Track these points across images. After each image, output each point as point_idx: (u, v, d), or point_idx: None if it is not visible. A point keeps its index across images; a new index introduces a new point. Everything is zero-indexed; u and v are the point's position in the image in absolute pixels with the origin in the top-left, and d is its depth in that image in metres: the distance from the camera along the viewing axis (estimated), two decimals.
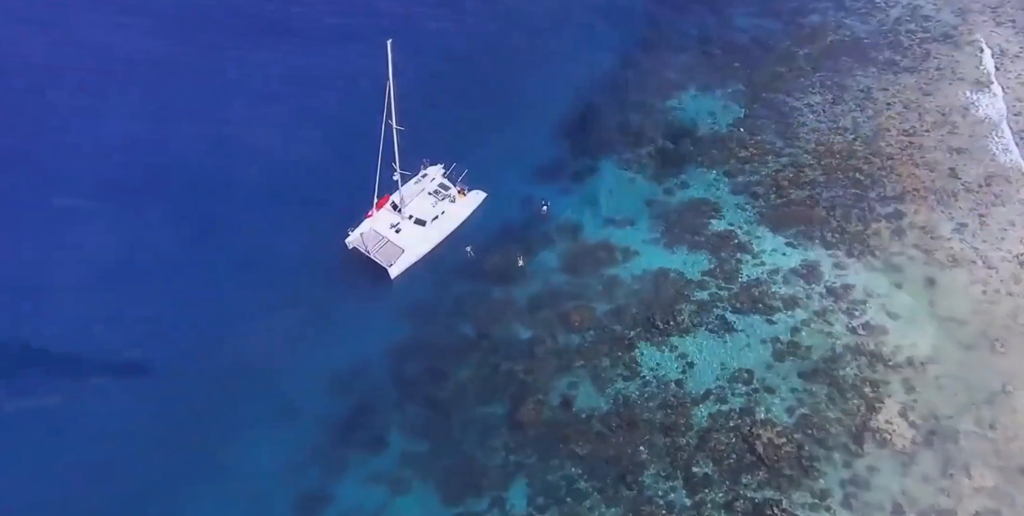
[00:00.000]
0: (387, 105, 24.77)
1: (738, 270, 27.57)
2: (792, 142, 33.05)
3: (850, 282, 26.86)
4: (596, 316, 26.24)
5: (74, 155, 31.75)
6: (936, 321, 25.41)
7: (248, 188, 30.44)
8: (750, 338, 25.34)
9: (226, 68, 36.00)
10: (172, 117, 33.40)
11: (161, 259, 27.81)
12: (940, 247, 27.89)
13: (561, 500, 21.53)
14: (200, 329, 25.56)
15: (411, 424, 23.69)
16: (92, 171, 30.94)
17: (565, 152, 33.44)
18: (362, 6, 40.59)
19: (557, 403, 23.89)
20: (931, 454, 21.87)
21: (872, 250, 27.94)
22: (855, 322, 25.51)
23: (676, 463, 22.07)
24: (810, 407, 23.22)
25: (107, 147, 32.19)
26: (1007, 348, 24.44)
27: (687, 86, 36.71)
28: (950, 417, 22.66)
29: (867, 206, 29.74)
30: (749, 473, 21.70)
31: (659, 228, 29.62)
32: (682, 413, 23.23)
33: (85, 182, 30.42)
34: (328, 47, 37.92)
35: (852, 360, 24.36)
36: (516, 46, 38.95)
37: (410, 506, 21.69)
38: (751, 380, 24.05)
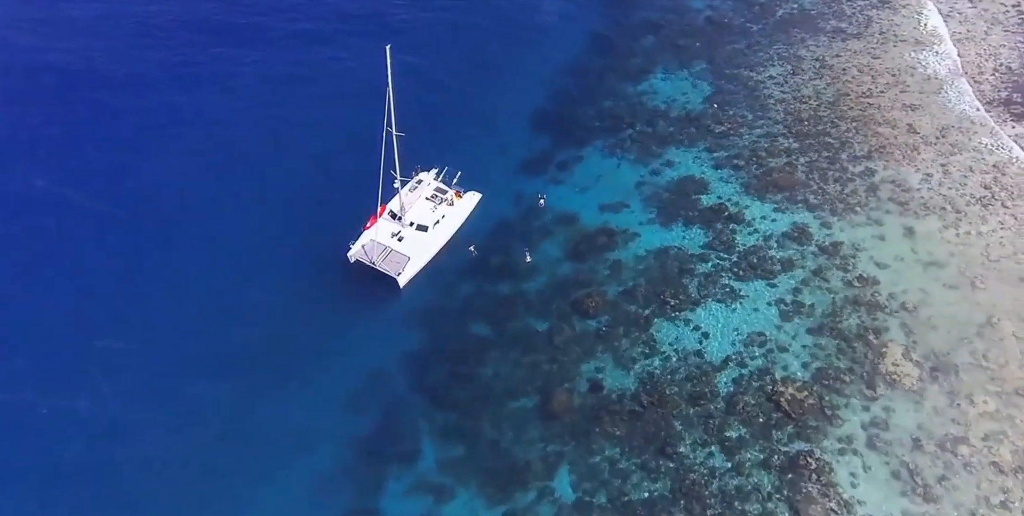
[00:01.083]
0: (387, 112, 24.54)
1: (734, 240, 28.75)
2: (762, 114, 34.59)
3: (838, 239, 28.47)
4: (608, 300, 26.87)
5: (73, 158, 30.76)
6: (920, 266, 27.28)
7: (241, 202, 29.75)
8: (756, 302, 26.53)
9: (209, 77, 35.58)
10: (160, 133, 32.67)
11: (154, 286, 26.91)
12: (912, 198, 29.88)
13: (607, 482, 22.05)
14: (202, 367, 24.64)
15: (442, 430, 23.65)
16: (82, 180, 30.20)
17: (548, 144, 33.91)
18: (331, 7, 40.53)
19: (586, 389, 24.39)
20: (937, 388, 23.57)
21: (853, 207, 29.68)
22: (849, 276, 27.09)
23: (710, 430, 22.96)
24: (823, 360, 24.57)
25: (102, 155, 31.41)
26: (986, 284, 26.50)
27: (654, 70, 37.80)
28: (947, 353, 24.45)
29: (841, 167, 31.53)
30: (779, 429, 22.83)
31: (652, 208, 30.50)
32: (707, 382, 24.15)
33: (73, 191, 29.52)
34: (303, 51, 37.70)
35: (852, 312, 25.90)
36: (484, 43, 39.26)
37: (458, 511, 21.70)
38: (765, 342, 25.23)
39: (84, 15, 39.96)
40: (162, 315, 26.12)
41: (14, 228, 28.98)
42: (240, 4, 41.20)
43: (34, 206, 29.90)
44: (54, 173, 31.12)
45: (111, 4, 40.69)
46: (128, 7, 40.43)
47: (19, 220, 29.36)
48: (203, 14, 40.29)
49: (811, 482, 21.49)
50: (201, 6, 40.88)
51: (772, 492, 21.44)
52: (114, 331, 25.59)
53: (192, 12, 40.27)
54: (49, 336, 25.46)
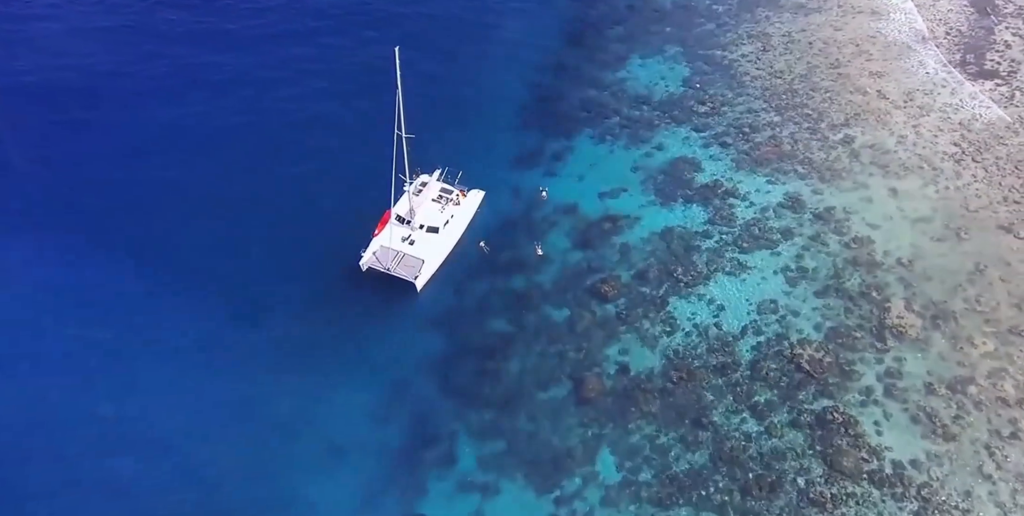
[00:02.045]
0: (397, 114, 24.32)
1: (733, 214, 29.76)
2: (741, 91, 35.78)
3: (830, 204, 29.83)
4: (622, 283, 27.46)
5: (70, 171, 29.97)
6: (908, 223, 28.89)
7: (244, 213, 29.15)
8: (763, 272, 27.59)
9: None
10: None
11: (161, 303, 26.15)
12: (891, 160, 31.53)
13: (648, 458, 22.65)
14: (217, 388, 24.02)
15: (478, 428, 23.71)
16: (81, 191, 29.53)
17: (538, 138, 34.23)
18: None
19: (615, 371, 24.92)
20: (939, 335, 25.10)
21: (839, 173, 31.12)
22: (845, 238, 28.46)
23: (738, 397, 23.85)
24: (833, 320, 25.80)
25: (100, 166, 30.71)
26: (969, 234, 28.29)
27: (630, 56, 38.57)
28: (944, 301, 26.04)
29: (822, 136, 32.97)
30: (802, 389, 23.90)
31: (650, 191, 31.23)
32: (729, 352, 25.05)
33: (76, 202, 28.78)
34: (285, 50, 37.24)
35: (853, 271, 27.24)
36: (458, 39, 39.26)
37: (507, 506, 21.85)
38: (777, 308, 26.30)
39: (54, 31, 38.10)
40: (172, 335, 25.34)
41: (13, 252, 27.68)
42: (204, 10, 40.11)
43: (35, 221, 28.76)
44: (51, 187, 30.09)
45: (78, 20, 39.03)
46: (94, 21, 38.91)
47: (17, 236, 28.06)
48: (169, 23, 39.11)
49: (840, 435, 22.63)
50: (165, 15, 39.64)
51: (806, 449, 22.47)
52: (124, 355, 24.65)
53: (158, 21, 39.10)
54: (67, 355, 24.49)
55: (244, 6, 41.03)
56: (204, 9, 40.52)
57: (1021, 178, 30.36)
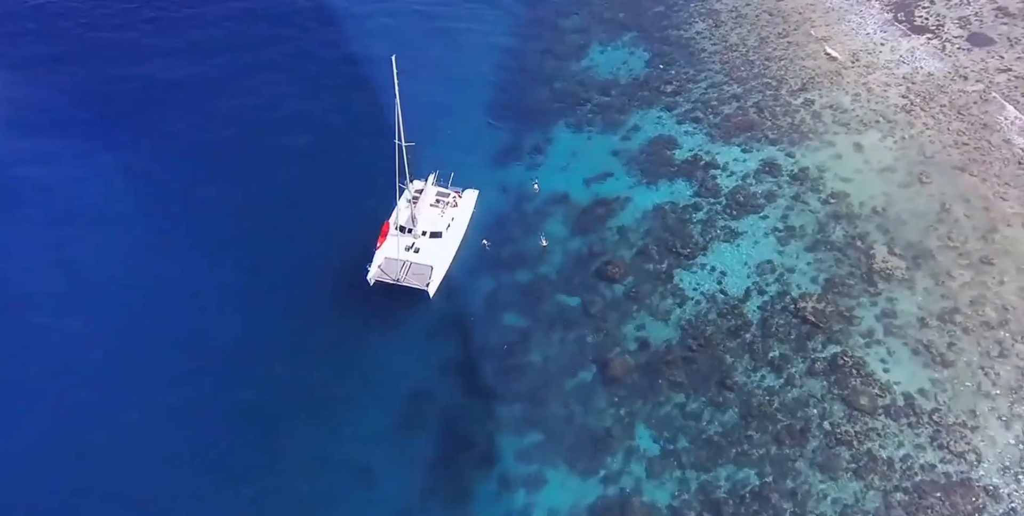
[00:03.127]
0: (396, 123, 24.15)
1: (717, 185, 31.09)
2: (702, 68, 37.24)
3: (804, 165, 31.58)
4: (626, 263, 28.29)
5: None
6: (876, 174, 30.93)
7: (242, 230, 28.60)
8: (755, 235, 29.01)
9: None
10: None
11: (168, 329, 25.43)
12: (850, 118, 33.61)
13: (683, 426, 23.56)
14: (233, 414, 23.47)
15: (511, 424, 23.92)
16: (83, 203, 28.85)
17: (515, 133, 34.66)
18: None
19: (635, 348, 25.72)
20: (921, 273, 27.11)
21: (806, 135, 32.95)
22: (823, 195, 30.23)
23: (755, 355, 25.10)
24: (826, 272, 27.44)
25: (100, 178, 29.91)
26: (930, 178, 30.56)
27: (590, 44, 39.48)
28: (921, 242, 28.10)
29: (784, 102, 34.77)
30: (811, 339, 25.39)
31: (635, 172, 32.20)
32: (738, 314, 26.28)
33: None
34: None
35: (835, 224, 29.00)
36: (417, 40, 39.20)
37: (555, 494, 22.23)
38: (774, 268, 27.74)
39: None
40: (181, 360, 24.60)
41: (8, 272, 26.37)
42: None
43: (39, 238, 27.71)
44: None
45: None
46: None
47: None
48: (133, 41, 37.74)
49: (852, 377, 24.20)
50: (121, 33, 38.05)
51: (824, 394, 23.93)
52: (131, 380, 23.77)
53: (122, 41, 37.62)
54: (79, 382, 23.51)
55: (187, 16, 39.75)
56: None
57: (965, 122, 32.95)
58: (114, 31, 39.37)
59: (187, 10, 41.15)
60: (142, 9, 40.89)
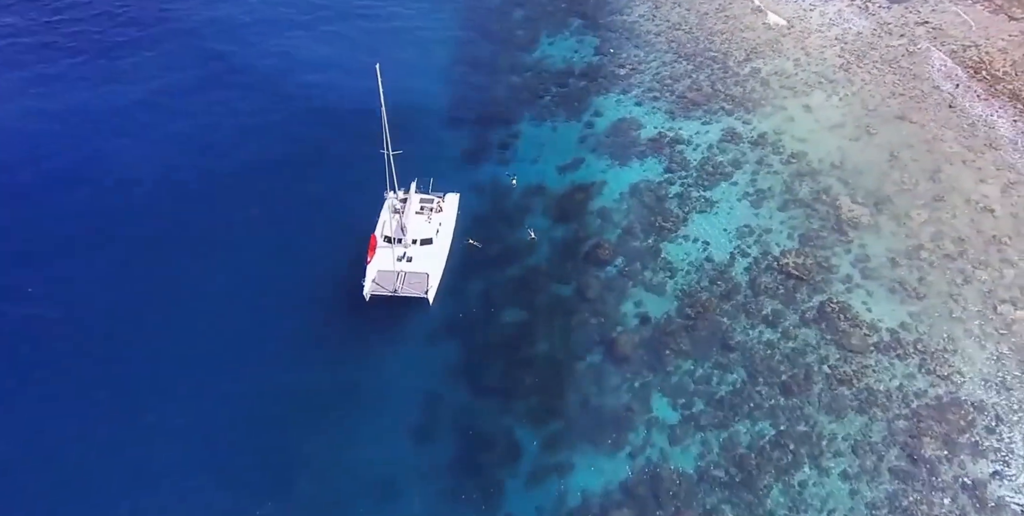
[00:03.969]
0: (384, 132, 23.86)
1: (685, 158, 32.30)
2: (650, 49, 38.47)
3: (761, 131, 33.21)
4: (613, 244, 29.07)
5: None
6: (827, 131, 32.88)
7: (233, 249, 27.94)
8: (729, 202, 30.35)
9: None
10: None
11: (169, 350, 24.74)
12: (795, 81, 35.51)
13: (696, 391, 24.47)
14: (240, 439, 22.96)
15: (528, 416, 24.15)
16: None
17: (479, 131, 34.90)
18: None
19: (637, 324, 26.51)
20: (885, 218, 29.08)
21: (758, 102, 34.62)
22: (784, 156, 31.90)
23: (750, 315, 26.35)
24: (800, 227, 29.04)
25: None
26: (876, 129, 32.75)
27: (539, 37, 40.13)
28: (878, 188, 30.12)
29: (733, 72, 36.39)
30: (798, 292, 26.85)
31: (604, 155, 33.04)
32: (727, 278, 27.49)
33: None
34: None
35: (800, 182, 30.70)
36: (362, 45, 38.90)
37: (586, 477, 22.65)
38: (752, 230, 29.13)
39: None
40: (183, 383, 23.95)
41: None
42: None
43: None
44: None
45: None
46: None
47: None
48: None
49: (840, 320, 25.79)
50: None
51: (819, 340, 25.40)
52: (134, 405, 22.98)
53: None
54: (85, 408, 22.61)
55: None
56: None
57: (897, 74, 35.41)
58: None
59: (119, 39, 39.44)
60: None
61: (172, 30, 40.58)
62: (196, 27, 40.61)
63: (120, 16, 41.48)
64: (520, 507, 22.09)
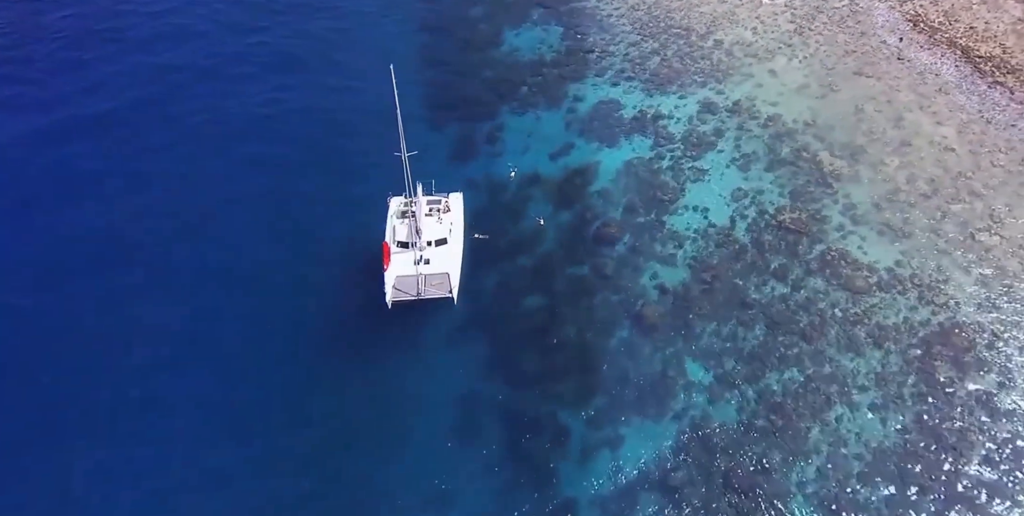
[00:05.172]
0: (400, 134, 23.49)
1: (671, 133, 33.46)
2: (615, 31, 39.47)
3: (735, 99, 34.75)
4: (619, 222, 29.89)
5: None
6: (795, 93, 34.76)
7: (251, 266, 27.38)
8: (719, 169, 31.69)
9: None
10: None
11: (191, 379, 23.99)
12: (756, 50, 37.27)
13: (723, 351, 25.54)
14: (279, 461, 22.59)
15: (571, 397, 24.53)
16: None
17: (466, 128, 35.05)
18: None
19: (657, 294, 27.43)
20: (862, 167, 31.12)
21: (727, 72, 36.17)
22: (761, 121, 33.55)
23: (760, 271, 27.73)
24: (789, 184, 30.70)
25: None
26: (838, 86, 34.89)
27: (503, 31, 40.45)
28: (851, 141, 32.17)
29: (698, 46, 37.84)
30: (799, 244, 28.43)
31: (592, 138, 33.81)
32: (732, 240, 28.79)
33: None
34: None
35: (780, 143, 32.40)
36: (329, 51, 38.35)
37: (636, 447, 23.27)
38: (745, 193, 30.56)
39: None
40: (221, 410, 23.36)
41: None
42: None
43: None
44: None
45: None
46: None
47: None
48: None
49: (842, 267, 27.53)
50: None
51: (826, 286, 27.03)
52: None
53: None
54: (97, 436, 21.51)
55: None
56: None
57: (847, 33, 37.75)
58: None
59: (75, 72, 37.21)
60: None
61: (121, 49, 38.64)
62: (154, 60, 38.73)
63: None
64: (577, 487, 22.54)
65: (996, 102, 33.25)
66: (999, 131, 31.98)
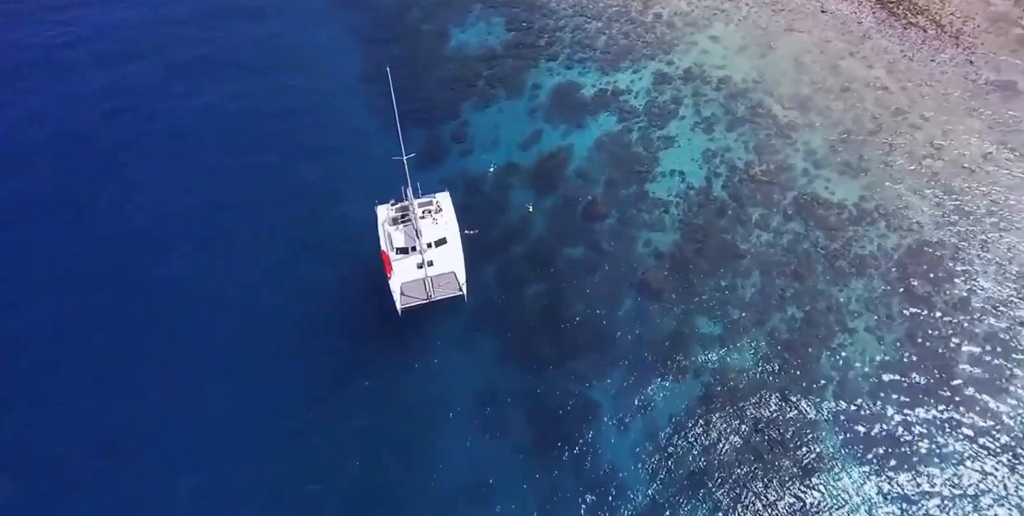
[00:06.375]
0: (399, 138, 23.10)
1: (634, 107, 34.66)
2: (559, 16, 40.25)
3: (684, 67, 36.34)
4: (603, 197, 30.84)
5: None
6: (737, 54, 36.69)
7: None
8: (685, 135, 33.17)
9: None
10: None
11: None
12: (694, 19, 39.00)
13: (727, 300, 26.93)
14: (325, 473, 22.55)
15: (591, 374, 25.06)
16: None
17: (427, 130, 34.92)
18: None
19: (655, 260, 28.57)
20: (811, 114, 33.38)
21: (672, 43, 37.73)
22: (712, 84, 35.25)
23: (744, 224, 29.36)
24: (752, 140, 32.55)
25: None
26: (775, 42, 37.13)
27: (447, 28, 40.41)
28: (797, 92, 34.38)
29: (640, 21, 39.19)
30: (773, 194, 30.29)
31: (559, 121, 34.53)
32: (712, 199, 30.31)
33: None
34: None
35: (735, 102, 34.23)
36: (269, 67, 37.40)
37: (666, 404, 24.21)
38: (715, 153, 32.20)
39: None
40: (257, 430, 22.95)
41: None
42: None
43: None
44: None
45: None
46: None
47: None
48: None
49: (815, 208, 29.57)
50: None
51: (805, 228, 28.96)
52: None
53: None
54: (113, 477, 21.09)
55: None
56: None
57: None
58: None
59: None
60: None
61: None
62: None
63: None
64: (617, 455, 23.33)
65: (914, 41, 36.40)
66: (922, 67, 35.07)
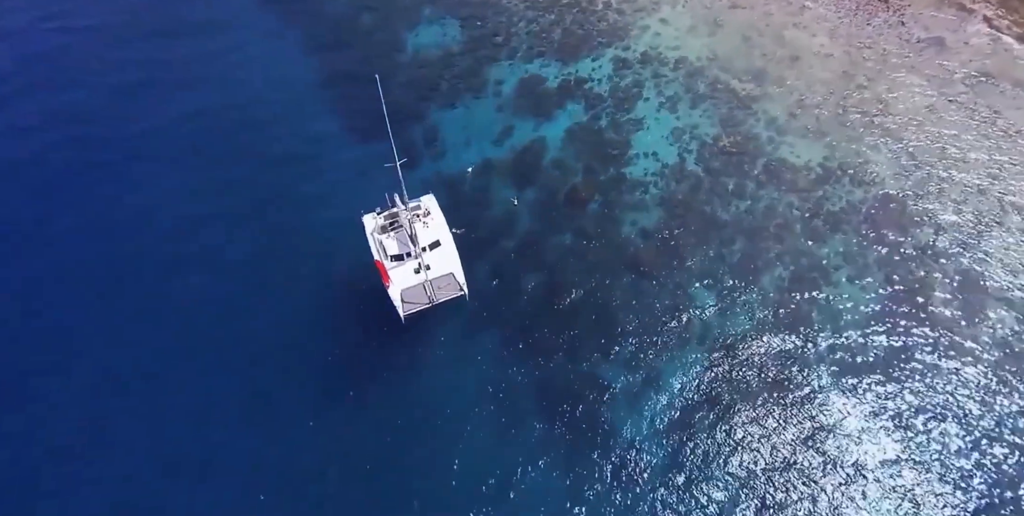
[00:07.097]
0: (391, 144, 22.71)
1: (598, 93, 35.36)
2: (511, 13, 40.60)
3: (641, 50, 37.33)
4: (584, 184, 31.40)
5: None
6: (688, 35, 37.93)
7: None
8: (652, 115, 34.10)
9: None
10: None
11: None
12: (643, 4, 39.96)
13: (719, 269, 27.81)
14: (342, 482, 22.37)
15: (599, 355, 25.52)
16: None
17: (397, 136, 34.26)
18: None
19: (643, 238, 29.20)
20: (768, 85, 34.88)
21: (626, 29, 38.67)
22: (669, 65, 36.34)
23: (720, 194, 30.45)
24: (716, 115, 33.73)
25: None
26: (723, 20, 38.57)
27: (401, 33, 40.24)
28: (752, 67, 35.86)
29: (592, 11, 40.00)
30: (743, 164, 31.50)
31: (527, 115, 34.92)
32: (687, 174, 31.30)
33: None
34: None
35: (694, 80, 35.42)
36: (227, 86, 36.50)
37: (675, 374, 24.91)
38: (683, 130, 33.22)
39: None
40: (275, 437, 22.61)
41: None
42: None
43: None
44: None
45: None
46: None
47: None
48: None
49: (783, 172, 30.98)
50: None
51: (778, 193, 30.28)
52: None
53: None
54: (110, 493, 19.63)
55: None
56: None
57: None
58: None
59: None
60: None
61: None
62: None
63: None
64: (635, 431, 23.94)
65: (848, 8, 38.52)
66: (859, 31, 37.15)
